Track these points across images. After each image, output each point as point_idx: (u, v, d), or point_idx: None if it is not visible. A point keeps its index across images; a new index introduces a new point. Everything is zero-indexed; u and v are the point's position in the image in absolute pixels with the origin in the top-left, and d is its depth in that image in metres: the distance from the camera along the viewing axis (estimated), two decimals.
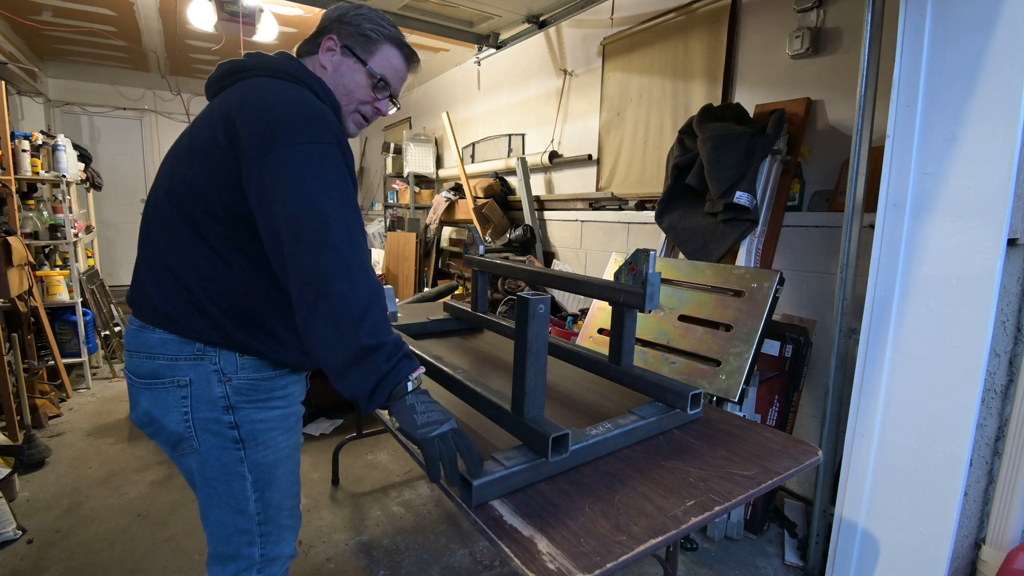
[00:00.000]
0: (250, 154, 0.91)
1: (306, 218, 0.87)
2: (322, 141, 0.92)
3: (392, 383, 0.88)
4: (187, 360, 0.99)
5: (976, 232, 1.37)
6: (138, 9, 3.90)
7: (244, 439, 1.02)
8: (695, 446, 1.08)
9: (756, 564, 1.94)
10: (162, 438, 1.03)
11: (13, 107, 5.29)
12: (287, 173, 0.89)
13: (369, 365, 0.86)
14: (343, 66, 1.10)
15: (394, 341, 0.89)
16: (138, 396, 1.02)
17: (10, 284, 2.68)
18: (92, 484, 2.39)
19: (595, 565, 0.72)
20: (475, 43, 4.10)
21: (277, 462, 1.07)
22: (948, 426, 1.43)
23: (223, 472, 1.02)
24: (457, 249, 4.74)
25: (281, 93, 0.96)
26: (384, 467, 2.61)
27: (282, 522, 1.10)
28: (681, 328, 1.91)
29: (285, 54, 1.09)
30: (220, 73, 1.06)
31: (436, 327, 1.88)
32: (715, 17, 2.66)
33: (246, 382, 1.01)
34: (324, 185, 0.90)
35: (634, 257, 1.18)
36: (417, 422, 0.87)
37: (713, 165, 2.12)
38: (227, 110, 0.95)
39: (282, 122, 0.91)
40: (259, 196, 0.91)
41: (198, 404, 0.99)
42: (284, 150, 0.89)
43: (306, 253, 0.87)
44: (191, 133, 1.03)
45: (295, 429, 1.13)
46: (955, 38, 1.40)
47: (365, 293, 0.87)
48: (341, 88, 1.10)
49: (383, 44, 1.11)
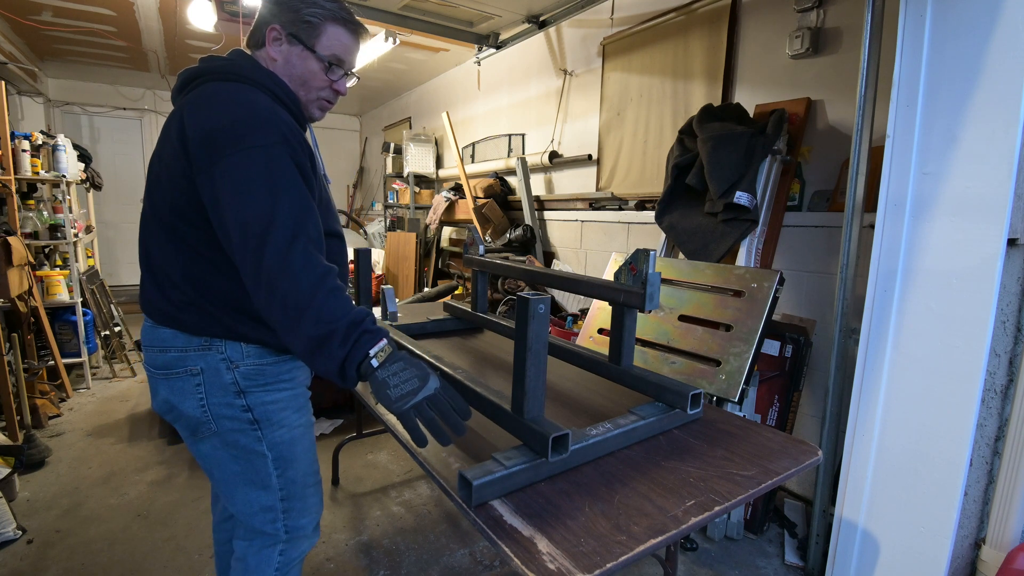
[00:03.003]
0: (199, 164, 0.94)
1: (250, 222, 0.90)
2: (266, 143, 0.93)
3: (354, 364, 0.89)
4: (196, 351, 1.04)
5: (976, 232, 1.37)
6: (138, 9, 3.90)
7: (259, 420, 1.08)
8: (695, 446, 1.08)
9: (756, 564, 1.94)
10: (182, 423, 1.09)
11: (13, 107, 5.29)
12: (232, 181, 0.91)
13: (326, 352, 0.88)
14: (292, 56, 1.09)
15: (348, 322, 0.89)
16: (157, 386, 1.09)
17: (10, 284, 2.68)
18: (92, 484, 2.39)
19: (595, 565, 0.72)
20: (475, 43, 4.10)
21: (294, 440, 1.13)
22: (948, 426, 1.43)
23: (244, 452, 1.08)
24: (457, 249, 4.74)
25: (225, 98, 0.97)
26: (384, 467, 2.61)
27: (308, 499, 1.16)
28: (681, 328, 1.91)
29: (239, 52, 1.10)
30: (180, 83, 1.08)
31: (436, 327, 1.88)
32: (715, 17, 2.66)
33: (252, 368, 1.07)
34: (269, 188, 0.91)
35: (634, 257, 1.17)
36: (391, 396, 0.88)
37: (713, 165, 2.12)
38: (180, 121, 0.97)
39: (225, 129, 0.93)
40: (212, 206, 0.94)
41: (211, 390, 1.05)
42: (229, 158, 0.91)
43: (252, 256, 0.90)
44: (160, 144, 1.05)
45: (306, 408, 1.18)
46: (955, 38, 1.40)
47: (307, 283, 0.89)
48: (296, 79, 1.10)
49: (326, 25, 1.09)
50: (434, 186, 5.56)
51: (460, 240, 4.81)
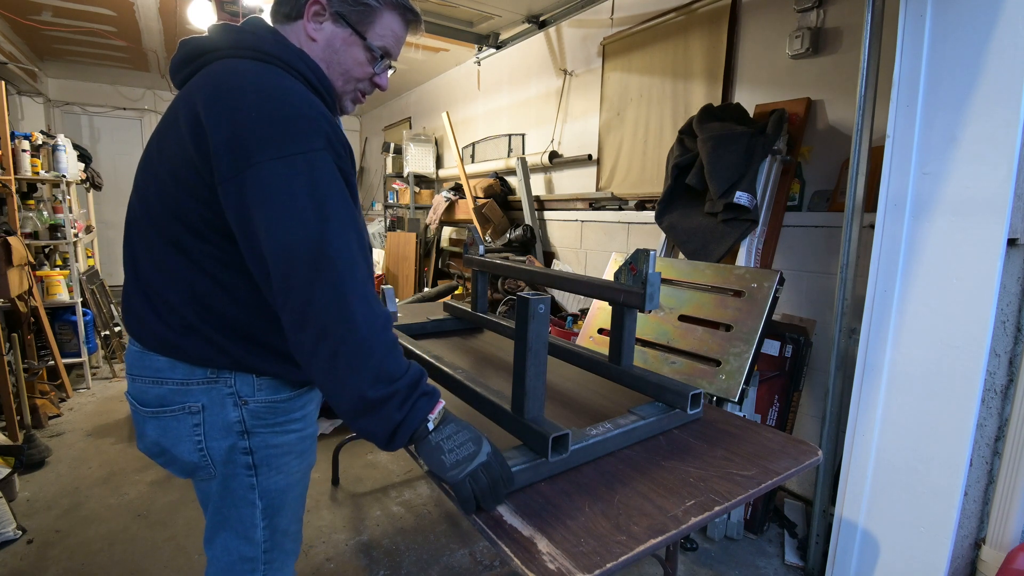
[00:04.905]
0: (223, 170, 0.76)
1: (296, 250, 0.74)
2: (309, 149, 0.76)
3: (409, 430, 0.79)
4: (199, 384, 0.88)
5: (976, 232, 1.37)
6: (138, 9, 3.90)
7: (257, 465, 0.93)
8: (695, 446, 1.08)
9: (756, 564, 1.94)
10: (176, 467, 0.94)
11: (13, 107, 5.29)
12: (269, 195, 0.74)
13: (381, 415, 0.77)
14: (337, 39, 0.92)
15: (407, 384, 0.79)
16: (144, 425, 0.92)
17: (10, 284, 2.68)
18: (92, 484, 2.39)
19: (595, 565, 0.72)
20: (475, 43, 4.10)
21: (288, 487, 0.99)
22: (948, 426, 1.43)
23: (232, 498, 0.94)
24: (457, 249, 4.74)
25: (255, 85, 0.79)
26: (384, 467, 2.61)
27: (287, 547, 1.03)
28: (681, 328, 1.91)
29: (258, 21, 0.89)
30: (184, 55, 0.89)
31: (436, 327, 1.88)
32: (715, 17, 2.66)
33: (264, 405, 0.92)
34: (316, 205, 0.75)
35: (634, 257, 1.17)
36: (446, 463, 0.79)
37: (713, 165, 2.12)
38: (194, 108, 0.79)
39: (258, 128, 0.75)
40: (240, 223, 0.77)
41: (212, 432, 0.89)
42: (263, 166, 0.74)
43: (298, 291, 0.74)
44: (159, 136, 0.88)
45: (310, 451, 1.04)
46: (955, 37, 1.39)
47: (368, 334, 0.75)
48: (337, 67, 0.93)
49: (384, 12, 0.93)
50: (434, 186, 5.56)
51: (460, 240, 4.81)
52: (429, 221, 4.84)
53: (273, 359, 0.90)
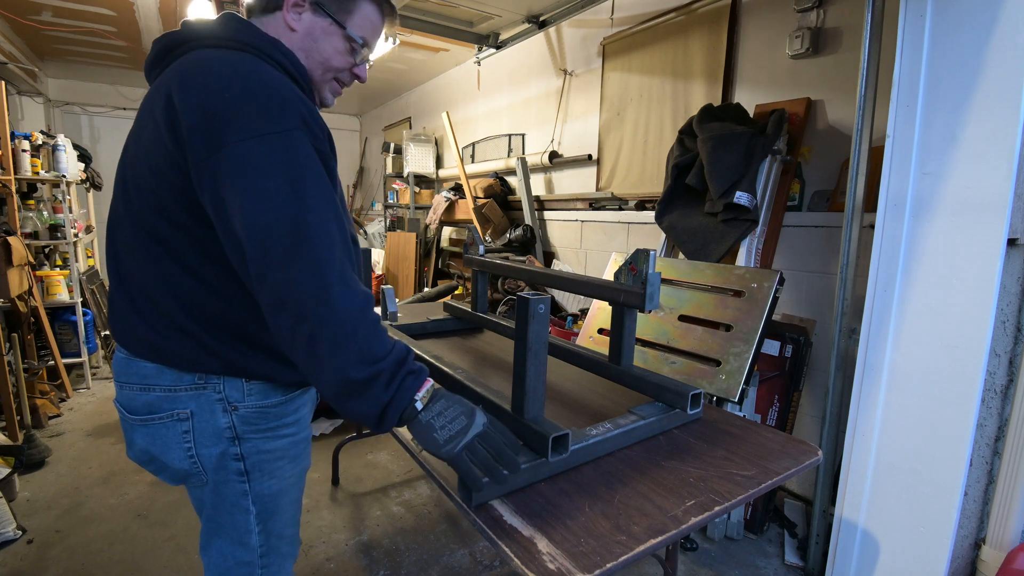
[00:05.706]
0: (196, 152, 0.74)
1: (272, 229, 0.72)
2: (284, 128, 0.75)
3: (398, 410, 0.78)
4: (187, 390, 0.87)
5: (976, 232, 1.37)
6: (138, 9, 3.90)
7: (249, 471, 0.92)
8: (695, 446, 1.08)
9: (756, 564, 1.94)
10: (167, 475, 0.93)
11: (13, 107, 5.29)
12: (243, 176, 0.73)
13: (367, 396, 0.76)
14: (316, 29, 0.92)
15: (393, 363, 0.77)
16: (133, 434, 0.90)
17: (10, 284, 2.68)
18: (92, 484, 2.39)
19: (595, 565, 0.72)
20: (475, 43, 4.10)
21: (282, 491, 0.97)
22: (948, 426, 1.43)
23: (225, 505, 0.93)
24: (457, 249, 4.74)
25: (227, 69, 0.78)
26: (384, 467, 2.61)
27: (283, 550, 1.02)
28: (681, 328, 1.91)
29: (232, 16, 0.90)
30: (157, 52, 0.88)
31: (436, 327, 1.88)
32: (715, 17, 2.66)
33: (254, 411, 0.90)
34: (292, 184, 0.74)
35: (634, 257, 1.17)
36: (439, 440, 0.78)
37: (713, 165, 2.12)
38: (167, 94, 0.78)
39: (230, 108, 0.74)
40: (214, 205, 0.75)
41: (202, 438, 0.88)
42: (236, 146, 0.73)
43: (275, 272, 0.73)
44: (136, 128, 0.86)
45: (304, 455, 1.02)
46: (955, 37, 1.40)
47: (349, 314, 0.74)
48: (316, 57, 0.93)
49: (362, 2, 0.93)
50: (434, 186, 5.56)
51: (460, 240, 4.81)
52: (429, 221, 4.84)
53: (264, 359, 0.89)
